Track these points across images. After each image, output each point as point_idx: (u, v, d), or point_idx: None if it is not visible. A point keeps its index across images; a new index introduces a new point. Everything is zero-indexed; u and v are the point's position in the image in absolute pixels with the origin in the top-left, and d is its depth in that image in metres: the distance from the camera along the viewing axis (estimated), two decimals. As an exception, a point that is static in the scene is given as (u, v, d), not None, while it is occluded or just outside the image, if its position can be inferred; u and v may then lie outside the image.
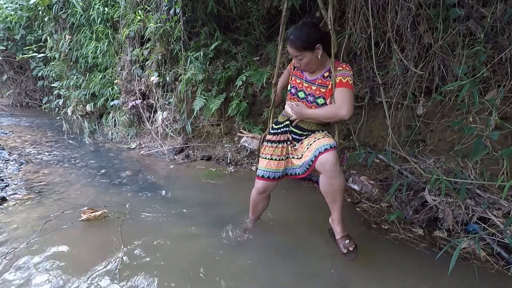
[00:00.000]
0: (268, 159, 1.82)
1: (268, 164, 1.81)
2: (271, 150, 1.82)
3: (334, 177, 1.56)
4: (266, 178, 1.82)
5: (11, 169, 3.04)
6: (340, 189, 1.58)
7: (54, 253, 1.78)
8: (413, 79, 2.39)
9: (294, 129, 1.80)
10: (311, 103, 1.70)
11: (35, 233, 1.94)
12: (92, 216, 2.10)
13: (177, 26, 3.41)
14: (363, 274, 1.66)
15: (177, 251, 1.84)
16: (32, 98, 7.05)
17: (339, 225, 1.65)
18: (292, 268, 1.70)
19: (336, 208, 1.63)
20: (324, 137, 1.65)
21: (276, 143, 1.82)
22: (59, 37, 4.91)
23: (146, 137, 4.10)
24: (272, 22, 3.33)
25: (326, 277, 1.65)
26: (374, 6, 2.39)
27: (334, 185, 1.57)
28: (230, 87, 3.36)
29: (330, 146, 1.57)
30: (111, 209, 2.23)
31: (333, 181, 1.56)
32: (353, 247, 1.59)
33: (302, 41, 1.56)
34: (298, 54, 1.59)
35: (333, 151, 1.56)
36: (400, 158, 2.53)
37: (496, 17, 1.99)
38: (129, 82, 4.14)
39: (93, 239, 1.94)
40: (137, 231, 1.99)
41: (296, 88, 1.76)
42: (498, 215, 1.86)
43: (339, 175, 1.56)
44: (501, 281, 1.61)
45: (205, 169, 3.19)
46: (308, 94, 1.71)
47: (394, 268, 1.71)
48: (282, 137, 1.82)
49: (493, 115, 1.91)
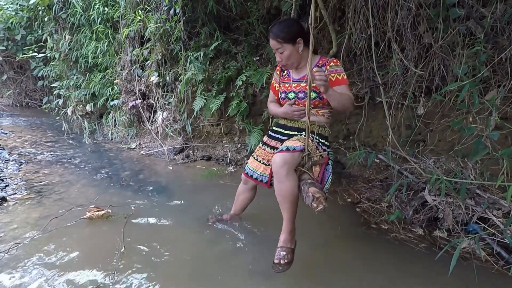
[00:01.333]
0: (257, 160, 1.82)
1: (254, 164, 1.82)
2: (261, 152, 1.83)
3: (280, 181, 1.45)
4: (250, 177, 1.83)
5: (11, 169, 3.04)
6: (287, 197, 1.46)
7: (53, 250, 1.78)
8: (413, 79, 2.39)
9: (282, 130, 1.78)
10: (302, 99, 1.68)
11: (39, 230, 1.95)
12: (96, 215, 2.10)
13: (177, 26, 3.41)
14: (363, 274, 1.66)
15: (177, 251, 1.83)
16: (32, 98, 7.06)
17: (283, 234, 1.53)
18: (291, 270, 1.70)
19: (284, 216, 1.51)
20: (293, 140, 1.60)
21: (267, 147, 1.81)
22: (59, 37, 4.92)
23: (146, 137, 4.11)
24: (272, 22, 3.33)
25: (322, 279, 1.64)
26: (374, 6, 2.39)
27: (280, 190, 1.47)
28: (230, 87, 3.36)
29: (286, 148, 1.49)
30: (117, 209, 2.22)
31: (279, 185, 1.46)
32: (285, 262, 1.47)
33: (283, 33, 1.58)
34: (279, 46, 1.60)
35: (284, 153, 1.46)
36: (400, 158, 2.53)
37: (496, 17, 1.99)
38: (129, 82, 4.14)
39: (94, 238, 1.94)
40: (137, 231, 1.99)
41: (285, 92, 1.75)
42: (498, 215, 1.86)
43: (285, 180, 1.44)
44: (501, 281, 1.61)
45: (205, 169, 3.19)
46: (298, 92, 1.69)
47: (394, 268, 1.71)
48: (275, 143, 1.80)
49: (493, 115, 1.91)
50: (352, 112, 2.86)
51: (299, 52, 1.62)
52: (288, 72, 1.78)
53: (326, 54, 2.87)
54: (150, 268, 1.66)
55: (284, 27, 1.59)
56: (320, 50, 2.95)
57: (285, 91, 1.75)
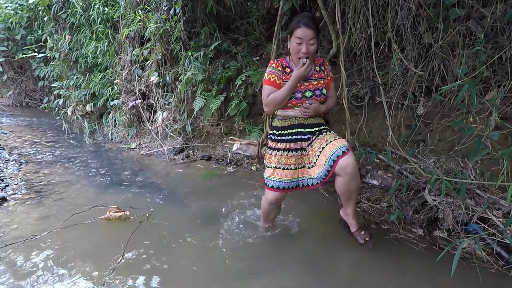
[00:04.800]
0: (279, 168, 1.74)
1: (278, 174, 1.74)
2: (285, 160, 1.73)
3: (353, 178, 1.60)
4: (277, 189, 1.75)
5: (11, 169, 3.04)
6: (357, 188, 1.66)
7: (57, 247, 1.81)
8: (413, 79, 2.38)
9: (302, 130, 1.74)
10: (319, 96, 1.74)
11: (60, 223, 2.02)
12: (114, 216, 2.10)
13: (177, 26, 3.41)
14: (363, 274, 1.66)
15: (177, 252, 1.83)
16: (32, 98, 7.06)
17: (354, 219, 1.76)
18: (297, 269, 1.70)
19: (351, 204, 1.72)
20: (336, 139, 1.65)
21: (289, 152, 1.74)
22: (59, 37, 4.92)
23: (146, 137, 4.11)
24: (272, 22, 3.33)
25: (325, 278, 1.65)
26: (374, 6, 2.39)
27: (352, 185, 1.62)
28: (230, 87, 3.36)
29: (346, 148, 1.58)
30: (136, 211, 2.21)
31: (352, 182, 1.60)
32: (368, 237, 1.74)
33: (316, 26, 1.63)
34: (313, 37, 1.61)
35: (350, 153, 1.58)
36: (400, 158, 2.53)
37: (496, 17, 1.99)
38: (129, 82, 4.14)
39: (101, 239, 1.94)
40: (137, 231, 1.99)
41: (300, 91, 1.70)
42: (498, 215, 1.85)
43: (357, 176, 1.62)
44: (501, 281, 1.61)
45: (205, 169, 3.19)
46: (314, 89, 1.72)
47: (394, 268, 1.71)
48: (296, 145, 1.74)
49: (493, 115, 1.91)
50: (352, 112, 2.86)
51: None
52: (293, 70, 1.70)
53: (326, 54, 2.87)
54: (149, 270, 1.66)
55: (314, 21, 1.64)
56: (320, 50, 2.95)
57: (299, 90, 1.70)
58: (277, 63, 1.73)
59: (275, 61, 1.74)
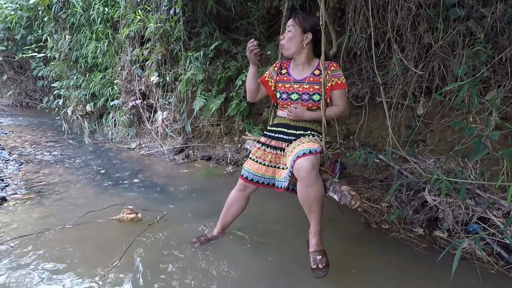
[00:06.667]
0: (252, 160, 1.73)
1: (251, 165, 1.72)
2: (261, 153, 1.72)
3: (309, 185, 1.43)
4: (245, 179, 1.73)
5: (11, 169, 3.04)
6: (317, 199, 1.45)
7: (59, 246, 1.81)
8: (413, 79, 2.39)
9: (285, 130, 1.72)
10: (306, 101, 1.67)
11: (74, 220, 2.04)
12: (125, 217, 2.09)
13: (177, 26, 3.41)
14: (363, 274, 1.66)
15: (177, 253, 1.83)
16: (32, 98, 7.07)
17: (315, 237, 1.53)
18: (293, 269, 1.70)
19: (313, 219, 1.51)
20: (309, 142, 1.53)
21: (267, 147, 1.73)
22: (59, 37, 4.92)
23: (146, 137, 4.11)
24: (272, 22, 3.33)
25: (325, 278, 1.64)
26: (374, 6, 2.39)
27: (310, 194, 1.45)
28: (230, 87, 3.36)
29: (309, 151, 1.43)
30: (148, 213, 2.19)
31: (309, 189, 1.44)
32: (323, 265, 1.48)
33: (301, 18, 1.64)
34: (291, 24, 1.65)
35: (310, 156, 1.42)
36: (400, 158, 2.53)
37: (496, 17, 1.99)
38: (129, 82, 4.14)
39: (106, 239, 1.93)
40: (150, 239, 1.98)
41: (287, 93, 1.71)
42: (498, 215, 1.86)
43: (314, 183, 1.42)
44: (501, 281, 1.61)
45: (205, 169, 3.19)
46: (302, 93, 1.68)
47: (394, 268, 1.71)
48: (276, 143, 1.72)
49: (493, 115, 1.91)
50: (352, 112, 2.86)
51: (302, 44, 1.65)
52: (288, 72, 1.75)
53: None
54: (147, 271, 1.66)
55: (306, 15, 1.66)
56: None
57: (286, 91, 1.72)
58: (277, 64, 1.81)
59: (277, 62, 1.82)
